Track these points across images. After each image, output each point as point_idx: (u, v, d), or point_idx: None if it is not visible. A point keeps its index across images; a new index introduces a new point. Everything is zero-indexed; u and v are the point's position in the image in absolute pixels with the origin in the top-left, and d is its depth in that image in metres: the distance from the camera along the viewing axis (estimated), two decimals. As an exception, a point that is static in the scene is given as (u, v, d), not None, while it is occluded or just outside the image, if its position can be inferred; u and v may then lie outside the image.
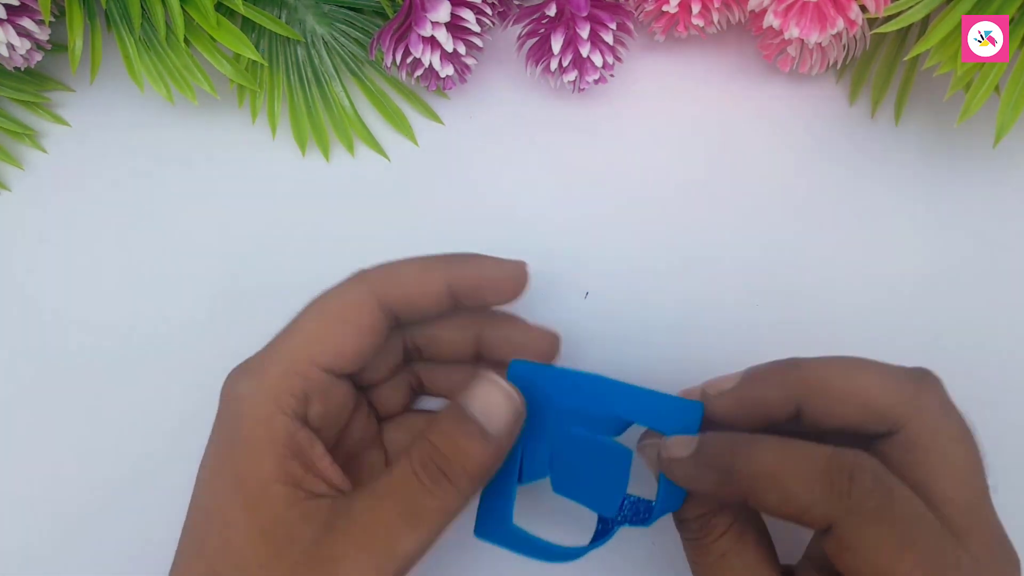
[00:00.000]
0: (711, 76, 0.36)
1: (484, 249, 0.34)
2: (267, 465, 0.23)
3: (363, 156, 0.36)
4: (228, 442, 0.24)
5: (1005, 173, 0.34)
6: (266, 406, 0.24)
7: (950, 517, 0.22)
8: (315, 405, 0.25)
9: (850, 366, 0.24)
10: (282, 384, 0.24)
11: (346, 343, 0.25)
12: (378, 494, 0.23)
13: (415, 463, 0.23)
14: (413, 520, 0.23)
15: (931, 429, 0.22)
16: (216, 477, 0.24)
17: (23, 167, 0.36)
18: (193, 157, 0.36)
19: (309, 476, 0.24)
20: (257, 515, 0.23)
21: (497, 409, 0.24)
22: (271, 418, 0.24)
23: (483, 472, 0.24)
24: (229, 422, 0.24)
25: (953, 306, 0.33)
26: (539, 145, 0.35)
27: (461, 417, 0.24)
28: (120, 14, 0.33)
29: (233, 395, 0.25)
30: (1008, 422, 0.32)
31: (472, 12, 0.31)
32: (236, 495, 0.23)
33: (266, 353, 0.25)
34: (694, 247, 0.34)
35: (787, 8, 0.30)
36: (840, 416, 0.23)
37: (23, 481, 0.33)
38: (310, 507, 0.23)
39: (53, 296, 0.35)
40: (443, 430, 0.24)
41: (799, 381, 0.24)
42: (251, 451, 0.23)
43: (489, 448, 0.24)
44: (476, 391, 0.24)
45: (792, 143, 0.35)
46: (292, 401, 0.24)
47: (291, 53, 0.35)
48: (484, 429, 0.24)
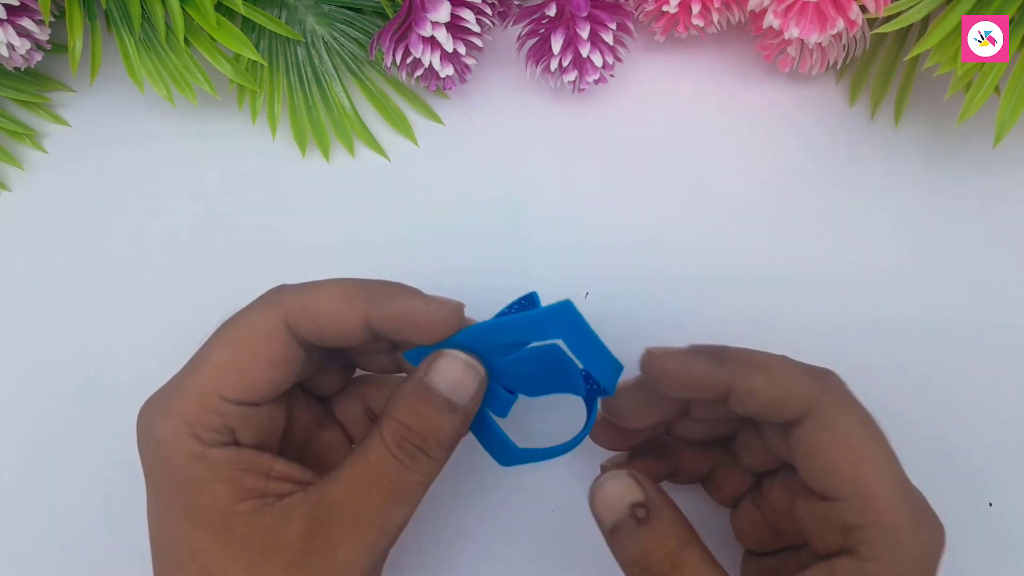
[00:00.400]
0: (711, 76, 0.36)
1: (484, 248, 0.34)
2: (222, 492, 0.23)
3: (363, 156, 0.36)
4: (168, 481, 0.23)
5: (1005, 173, 0.34)
6: (190, 444, 0.23)
7: (861, 481, 0.23)
8: (242, 432, 0.24)
9: (768, 358, 0.25)
10: (198, 421, 0.23)
11: (256, 376, 0.24)
12: (358, 479, 0.23)
13: (390, 445, 0.23)
14: (398, 496, 0.23)
15: (836, 411, 0.24)
16: (167, 511, 0.23)
17: (23, 167, 0.36)
18: (193, 157, 0.36)
19: (270, 484, 0.24)
20: (230, 534, 0.23)
21: (463, 381, 0.24)
22: (202, 453, 0.23)
23: (456, 439, 0.24)
24: (159, 464, 0.24)
25: (953, 306, 0.33)
26: (539, 145, 0.35)
27: (427, 393, 0.24)
28: (120, 14, 0.33)
29: (154, 438, 0.24)
30: (1009, 420, 0.32)
31: (472, 12, 0.31)
32: (198, 524, 0.23)
33: (175, 388, 0.24)
34: (694, 247, 0.34)
35: (787, 8, 0.30)
36: (762, 399, 0.24)
37: (21, 486, 0.33)
38: (282, 508, 0.23)
39: (53, 296, 0.35)
40: (411, 407, 0.24)
41: (733, 366, 0.24)
42: (199, 486, 0.23)
43: (458, 418, 0.24)
44: (439, 367, 0.24)
45: (792, 143, 0.35)
46: (215, 435, 0.24)
47: (291, 53, 0.35)
48: (452, 402, 0.24)
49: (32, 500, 0.33)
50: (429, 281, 0.34)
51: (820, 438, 0.23)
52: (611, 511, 0.24)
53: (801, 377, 0.24)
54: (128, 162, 0.36)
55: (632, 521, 0.23)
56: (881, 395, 0.32)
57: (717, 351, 0.25)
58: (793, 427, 0.24)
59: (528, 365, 0.25)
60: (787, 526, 0.26)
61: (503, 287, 0.34)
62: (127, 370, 0.34)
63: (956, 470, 0.31)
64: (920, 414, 0.32)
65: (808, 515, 0.25)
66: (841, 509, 0.23)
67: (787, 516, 0.26)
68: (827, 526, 0.24)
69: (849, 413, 0.24)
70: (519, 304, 0.27)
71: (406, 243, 0.35)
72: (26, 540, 0.33)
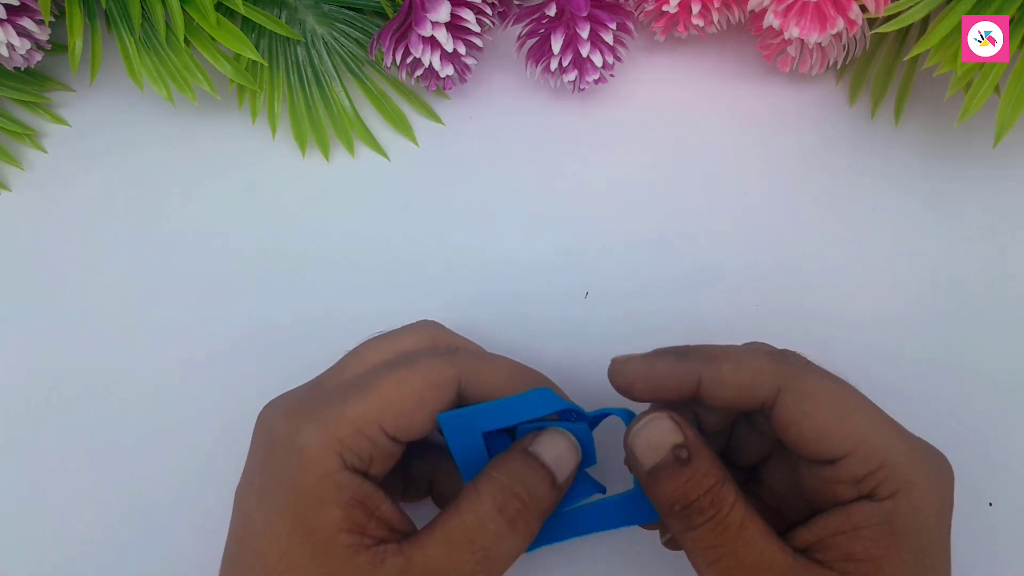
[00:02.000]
0: (711, 76, 0.36)
1: (485, 249, 0.34)
2: (334, 515, 0.23)
3: (363, 156, 0.36)
4: (290, 490, 0.24)
5: (1005, 173, 0.34)
6: (333, 461, 0.24)
7: (856, 432, 0.24)
8: (376, 465, 0.25)
9: (730, 348, 0.26)
10: (350, 443, 0.24)
11: (417, 421, 0.25)
12: (451, 540, 0.23)
13: (488, 506, 0.24)
14: (488, 564, 0.24)
15: (807, 380, 0.24)
16: (275, 521, 0.24)
17: (23, 167, 0.36)
18: (193, 157, 0.36)
19: (372, 523, 0.24)
20: (326, 563, 0.23)
21: (566, 458, 0.25)
22: (338, 472, 0.24)
23: (547, 515, 0.25)
24: (290, 470, 0.24)
25: (953, 305, 0.33)
26: (539, 145, 0.35)
27: (534, 463, 0.25)
28: (120, 14, 0.33)
29: (297, 444, 0.24)
30: (1009, 420, 0.32)
31: (472, 12, 0.31)
32: (303, 544, 0.23)
33: (333, 403, 0.25)
34: (694, 247, 0.34)
35: (787, 8, 0.30)
36: (731, 385, 0.25)
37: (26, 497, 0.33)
38: (377, 553, 0.23)
39: (53, 296, 0.35)
40: (517, 474, 0.24)
41: (697, 359, 0.25)
42: (318, 503, 0.23)
43: (556, 494, 0.25)
44: (545, 440, 0.25)
45: (792, 143, 0.35)
46: (356, 460, 0.24)
47: (291, 53, 0.35)
48: (555, 475, 0.25)
49: (32, 502, 0.33)
50: (429, 281, 0.34)
51: (803, 408, 0.24)
52: (654, 452, 0.24)
53: (764, 359, 0.25)
54: (128, 162, 0.36)
55: (675, 462, 0.24)
56: (881, 394, 0.32)
57: (680, 349, 0.26)
58: (773, 409, 0.25)
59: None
60: (789, 503, 0.27)
61: (503, 287, 0.34)
62: (127, 370, 0.34)
63: (956, 470, 0.31)
64: (920, 413, 0.32)
65: (817, 483, 0.25)
66: (847, 465, 0.24)
67: (788, 494, 0.27)
68: (839, 485, 0.24)
69: (820, 378, 0.25)
70: None
71: (406, 243, 0.35)
72: (27, 540, 0.33)
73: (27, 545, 0.33)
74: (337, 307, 0.34)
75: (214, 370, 0.34)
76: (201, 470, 0.33)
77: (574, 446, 0.26)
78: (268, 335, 0.34)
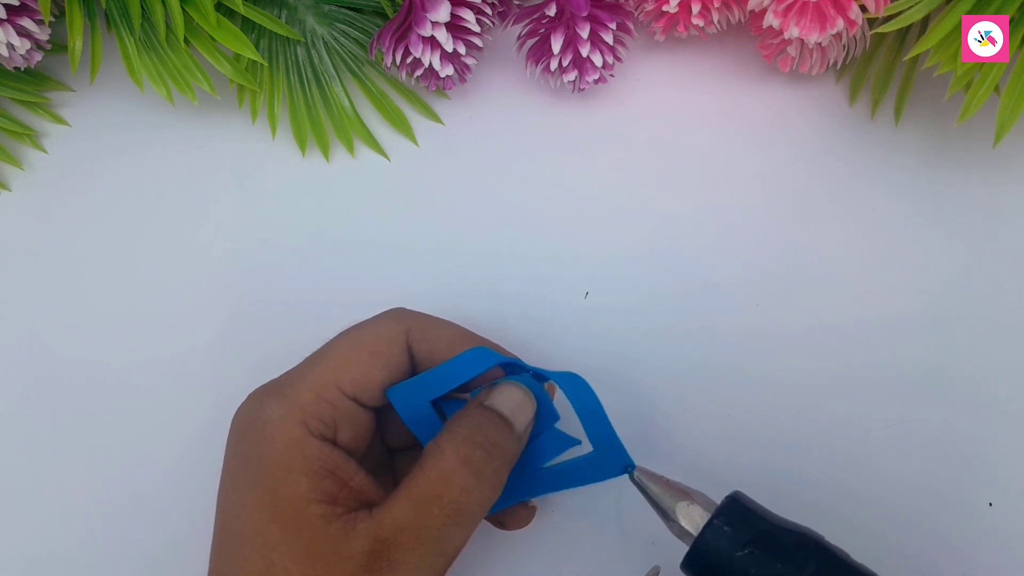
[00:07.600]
0: (711, 76, 0.36)
1: (485, 249, 0.34)
2: (303, 485, 0.24)
3: (363, 156, 0.36)
4: (259, 465, 0.24)
5: (1005, 173, 0.34)
6: (296, 429, 0.24)
7: None
8: (343, 431, 0.25)
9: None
10: (311, 408, 0.25)
11: (373, 375, 0.26)
12: (418, 498, 0.24)
13: (455, 459, 0.24)
14: (458, 518, 0.24)
15: None
16: (248, 499, 0.24)
17: (23, 167, 0.36)
18: (193, 157, 0.36)
19: (344, 492, 0.24)
20: (299, 535, 0.23)
21: (522, 407, 0.26)
22: (303, 440, 0.24)
23: (511, 464, 0.26)
24: (258, 445, 0.24)
25: (953, 305, 0.33)
26: (539, 145, 0.35)
27: (492, 414, 0.25)
28: (120, 14, 0.33)
29: (261, 418, 0.25)
30: (1009, 420, 0.32)
31: (472, 12, 0.31)
32: (273, 517, 0.23)
33: (294, 377, 0.26)
34: (693, 247, 0.34)
35: (787, 8, 0.30)
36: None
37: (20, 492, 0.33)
38: (349, 521, 0.23)
39: (53, 296, 0.35)
40: (477, 426, 0.25)
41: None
42: (286, 473, 0.24)
43: (517, 443, 0.26)
44: (500, 393, 0.26)
45: (792, 143, 0.35)
46: (321, 425, 0.25)
47: (291, 53, 0.35)
48: (513, 425, 0.25)
49: (31, 502, 0.33)
50: (429, 280, 0.34)
51: None
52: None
53: None
54: (128, 162, 0.36)
55: None
56: (881, 395, 0.32)
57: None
58: None
59: None
60: None
61: (503, 286, 0.34)
62: (127, 368, 0.34)
63: (956, 470, 0.31)
64: (920, 413, 0.32)
65: None
66: None
67: None
68: None
69: None
70: None
71: (406, 243, 0.35)
72: (26, 541, 0.33)
73: (19, 540, 0.33)
74: (337, 307, 0.34)
75: (214, 370, 0.34)
76: (201, 470, 0.33)
77: (528, 395, 0.26)
78: (268, 335, 0.34)
